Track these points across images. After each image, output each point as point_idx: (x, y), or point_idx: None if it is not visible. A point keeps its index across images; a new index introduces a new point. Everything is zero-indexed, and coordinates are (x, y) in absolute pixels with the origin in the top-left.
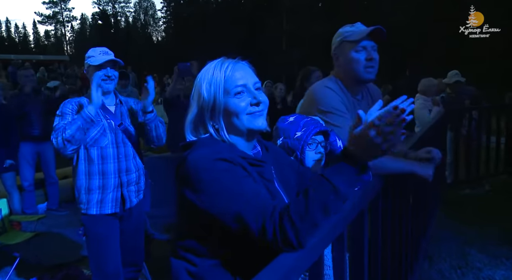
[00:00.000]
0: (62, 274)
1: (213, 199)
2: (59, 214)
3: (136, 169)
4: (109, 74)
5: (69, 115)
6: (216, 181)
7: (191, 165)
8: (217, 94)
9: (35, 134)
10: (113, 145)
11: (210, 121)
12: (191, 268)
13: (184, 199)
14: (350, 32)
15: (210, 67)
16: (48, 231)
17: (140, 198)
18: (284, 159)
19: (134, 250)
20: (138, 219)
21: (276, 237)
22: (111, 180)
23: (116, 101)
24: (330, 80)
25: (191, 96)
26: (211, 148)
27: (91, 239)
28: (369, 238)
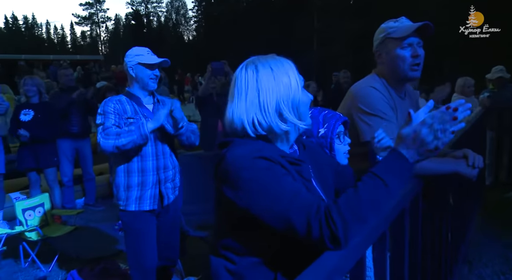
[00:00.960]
0: (100, 267)
1: (254, 198)
2: (95, 209)
3: (172, 167)
4: (157, 74)
5: (111, 114)
6: (256, 180)
7: (230, 163)
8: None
9: (74, 131)
10: (151, 144)
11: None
12: (230, 266)
13: (223, 198)
14: (395, 28)
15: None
16: (86, 225)
17: (176, 195)
18: (321, 157)
19: (170, 246)
20: (174, 216)
21: (323, 234)
22: (149, 177)
23: (154, 100)
24: (374, 79)
25: (234, 90)
26: (249, 147)
27: (129, 235)
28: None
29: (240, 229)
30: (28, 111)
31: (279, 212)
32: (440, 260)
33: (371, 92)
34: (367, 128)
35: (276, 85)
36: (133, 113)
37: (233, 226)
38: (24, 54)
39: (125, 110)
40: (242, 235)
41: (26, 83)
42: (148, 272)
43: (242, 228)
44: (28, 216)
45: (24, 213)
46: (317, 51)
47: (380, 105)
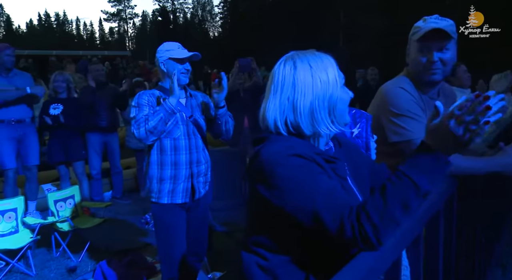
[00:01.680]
0: (127, 259)
1: (288, 195)
2: (122, 202)
3: (205, 161)
4: (188, 68)
5: (145, 106)
6: (290, 177)
7: (265, 160)
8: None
9: (102, 125)
10: (185, 137)
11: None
12: (262, 262)
13: (256, 194)
14: (417, 28)
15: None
16: (114, 218)
17: (207, 190)
18: (357, 155)
19: (198, 240)
20: (204, 210)
21: (355, 235)
22: (182, 170)
23: (187, 94)
24: (403, 79)
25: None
26: (284, 143)
27: (159, 228)
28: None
29: (272, 226)
30: (57, 106)
31: (312, 210)
32: (474, 263)
33: (400, 93)
34: (396, 128)
35: (314, 82)
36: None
37: (265, 223)
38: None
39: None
40: (274, 232)
41: (57, 79)
42: (176, 265)
43: (275, 225)
44: (59, 207)
45: (56, 204)
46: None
47: (409, 106)
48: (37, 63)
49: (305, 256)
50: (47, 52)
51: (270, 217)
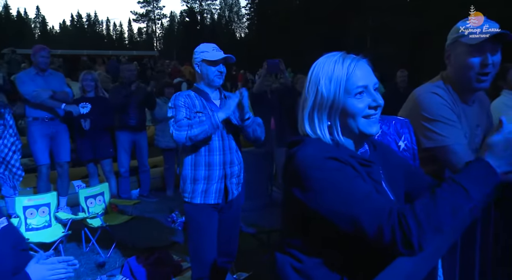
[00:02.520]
0: (154, 257)
1: (323, 198)
2: (149, 200)
3: (238, 162)
4: (222, 70)
5: (182, 107)
6: (326, 180)
7: (301, 162)
8: (337, 93)
9: (132, 124)
10: (219, 138)
11: (327, 120)
12: (296, 264)
13: (291, 196)
14: (467, 30)
15: (329, 62)
16: (141, 215)
17: (239, 191)
18: (393, 158)
19: (229, 241)
20: (236, 211)
21: (395, 238)
22: (216, 171)
23: (221, 96)
24: (438, 85)
25: (305, 89)
26: (320, 146)
27: (191, 227)
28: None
29: (307, 228)
30: (86, 104)
31: (348, 214)
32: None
33: (433, 98)
34: (429, 134)
35: (334, 87)
36: (202, 108)
37: (300, 225)
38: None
39: (194, 104)
40: (308, 234)
41: (85, 78)
42: (206, 265)
43: (309, 228)
44: (89, 203)
45: (86, 201)
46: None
47: (442, 111)
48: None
49: (340, 259)
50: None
51: (305, 220)
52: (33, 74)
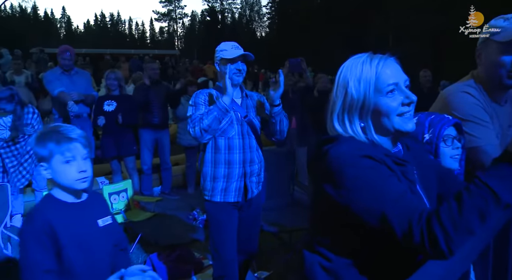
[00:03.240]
0: (176, 254)
1: (356, 196)
2: (170, 198)
3: (258, 161)
4: (240, 68)
5: (202, 105)
6: (360, 178)
7: (334, 160)
8: (367, 93)
9: (155, 122)
10: (239, 136)
11: (359, 121)
12: (325, 263)
13: (322, 194)
14: (501, 28)
15: (357, 63)
16: (162, 213)
17: (259, 190)
18: (426, 159)
19: (250, 240)
20: (256, 210)
21: (424, 241)
22: (235, 169)
23: (242, 94)
24: (469, 84)
25: (333, 93)
26: (354, 144)
27: (212, 225)
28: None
29: (337, 227)
30: (111, 102)
31: (380, 213)
32: None
33: (465, 98)
34: None
35: (363, 88)
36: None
37: (330, 223)
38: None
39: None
40: (339, 233)
41: (109, 77)
42: (227, 263)
43: (340, 226)
44: (113, 200)
45: (110, 197)
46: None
47: (474, 111)
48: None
49: (370, 260)
50: (102, 51)
51: (335, 218)
52: (59, 73)
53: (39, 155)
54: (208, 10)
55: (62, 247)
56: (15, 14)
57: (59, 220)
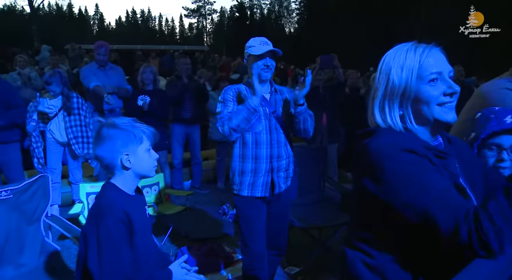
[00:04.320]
0: (206, 247)
1: (397, 190)
2: (200, 192)
3: (286, 156)
4: (268, 64)
5: (230, 101)
6: (401, 172)
7: (374, 153)
8: (409, 80)
9: (186, 117)
10: (266, 131)
11: (399, 108)
12: (368, 260)
13: (363, 189)
14: None
15: (401, 51)
16: (193, 207)
17: (288, 185)
18: (469, 155)
19: (278, 235)
20: (284, 205)
21: (472, 239)
22: (263, 164)
23: (271, 89)
24: (509, 80)
25: (376, 80)
26: (394, 137)
27: (241, 219)
28: None
29: (379, 222)
30: (145, 97)
31: (423, 209)
32: None
33: (507, 94)
34: None
35: (405, 75)
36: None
37: (371, 219)
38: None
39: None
40: (381, 229)
41: (145, 71)
42: (256, 258)
43: (382, 222)
44: (145, 193)
45: (142, 190)
46: None
47: None
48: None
49: (413, 256)
50: (133, 47)
51: (376, 213)
52: (95, 69)
53: (127, 142)
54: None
55: (133, 235)
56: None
57: (129, 208)
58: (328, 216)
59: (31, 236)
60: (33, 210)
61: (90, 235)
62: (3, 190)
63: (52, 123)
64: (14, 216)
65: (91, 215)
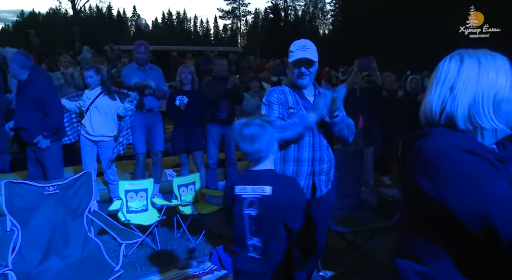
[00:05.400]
0: None
1: (453, 193)
2: None
3: (328, 160)
4: (302, 71)
5: (275, 104)
6: (460, 173)
7: (430, 154)
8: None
9: (222, 117)
10: (309, 134)
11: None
12: (420, 268)
13: (416, 192)
14: None
15: (491, 61)
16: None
17: (329, 188)
18: None
19: (317, 238)
20: (324, 209)
21: None
22: (304, 167)
23: (315, 92)
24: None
25: (454, 77)
26: (452, 138)
27: None
28: None
29: (432, 227)
30: (183, 97)
31: (482, 213)
32: None
33: None
34: None
35: (480, 77)
36: (295, 104)
37: (424, 223)
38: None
39: (287, 100)
40: (434, 234)
41: (183, 71)
42: None
43: (435, 226)
44: (182, 192)
45: (179, 189)
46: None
47: None
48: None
49: (468, 263)
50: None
51: (430, 217)
52: (135, 68)
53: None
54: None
55: None
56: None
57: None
58: (364, 221)
59: (75, 230)
60: (77, 205)
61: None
62: (51, 185)
63: (85, 118)
64: (60, 210)
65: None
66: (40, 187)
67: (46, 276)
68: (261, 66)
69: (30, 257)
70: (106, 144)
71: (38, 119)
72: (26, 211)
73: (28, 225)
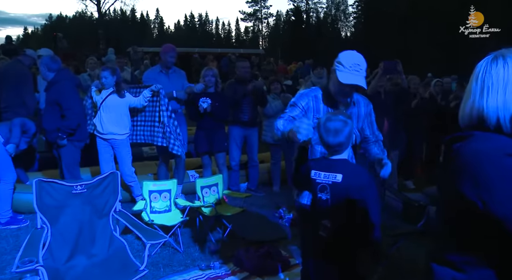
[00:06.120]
0: (264, 250)
1: (498, 199)
2: (256, 194)
3: None
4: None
5: (299, 108)
6: (504, 178)
7: (471, 158)
8: None
9: (244, 119)
10: None
11: None
12: (459, 277)
13: (455, 196)
14: None
15: None
16: (249, 209)
17: None
18: None
19: None
20: None
21: None
22: None
23: (350, 103)
24: None
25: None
26: (497, 142)
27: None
28: None
29: (474, 233)
30: (206, 99)
31: None
32: None
33: None
34: None
35: None
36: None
37: (465, 229)
38: (198, 48)
39: (318, 109)
40: (475, 240)
41: (207, 74)
42: None
43: (477, 232)
44: (204, 193)
45: (202, 190)
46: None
47: None
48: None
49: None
50: (191, 50)
51: (470, 222)
52: (158, 72)
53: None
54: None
55: None
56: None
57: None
58: (389, 225)
59: (101, 229)
60: (103, 205)
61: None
62: (79, 184)
63: (96, 117)
64: (87, 209)
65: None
66: (68, 186)
67: (74, 273)
68: (283, 69)
69: (59, 254)
70: (119, 143)
71: (56, 120)
72: (55, 209)
73: (57, 223)
